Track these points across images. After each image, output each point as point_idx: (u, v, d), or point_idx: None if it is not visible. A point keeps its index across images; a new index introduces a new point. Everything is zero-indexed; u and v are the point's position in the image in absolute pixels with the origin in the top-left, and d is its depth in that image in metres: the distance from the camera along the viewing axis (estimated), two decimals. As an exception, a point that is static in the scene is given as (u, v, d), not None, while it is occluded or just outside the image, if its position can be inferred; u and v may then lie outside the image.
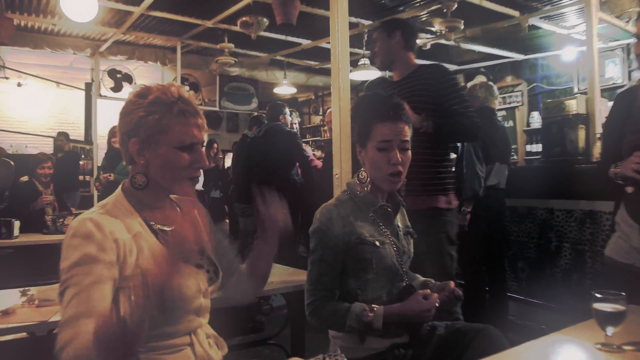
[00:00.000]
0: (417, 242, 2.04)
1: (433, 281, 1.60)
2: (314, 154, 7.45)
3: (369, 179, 1.53)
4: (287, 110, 4.26)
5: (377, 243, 1.49)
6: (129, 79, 6.62)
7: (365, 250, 1.48)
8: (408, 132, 1.51)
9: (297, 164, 4.15)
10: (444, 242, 2.20)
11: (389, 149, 1.48)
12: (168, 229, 1.16)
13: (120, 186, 1.17)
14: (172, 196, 1.25)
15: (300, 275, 2.31)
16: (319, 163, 4.52)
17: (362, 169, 1.57)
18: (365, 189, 1.54)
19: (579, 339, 1.16)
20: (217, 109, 7.54)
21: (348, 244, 1.47)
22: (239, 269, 1.34)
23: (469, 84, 3.57)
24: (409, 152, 1.52)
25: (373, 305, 1.43)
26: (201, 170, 1.19)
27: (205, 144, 1.45)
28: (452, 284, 1.47)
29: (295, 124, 4.53)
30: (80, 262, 0.99)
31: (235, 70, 7.17)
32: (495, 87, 3.45)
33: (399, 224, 1.61)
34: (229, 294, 1.31)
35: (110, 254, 1.02)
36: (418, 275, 1.65)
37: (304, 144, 4.27)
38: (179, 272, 0.95)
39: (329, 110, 4.40)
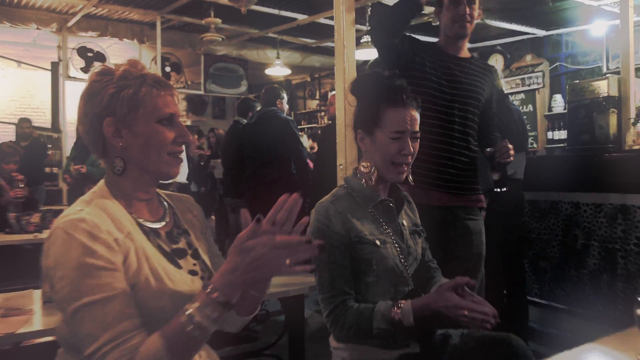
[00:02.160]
0: (470, 243, 2.16)
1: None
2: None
3: (374, 169, 1.55)
4: (284, 95, 4.24)
5: (378, 242, 1.50)
6: (101, 58, 6.55)
7: (365, 250, 1.49)
8: (418, 120, 1.55)
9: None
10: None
11: (400, 138, 1.51)
12: (158, 226, 1.17)
13: (103, 180, 1.17)
14: (158, 190, 1.25)
15: (299, 277, 2.31)
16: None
17: (364, 159, 1.58)
18: (370, 182, 1.56)
19: (619, 351, 1.16)
20: (201, 92, 7.51)
21: (349, 243, 1.48)
22: None
23: None
24: (418, 141, 1.55)
25: (399, 301, 1.44)
26: (184, 157, 1.19)
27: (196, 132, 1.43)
28: (462, 279, 1.43)
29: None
30: (90, 271, 0.99)
31: (222, 49, 7.12)
32: (499, 68, 3.47)
33: (404, 222, 1.62)
34: None
35: (118, 258, 1.03)
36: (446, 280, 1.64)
37: (301, 136, 4.24)
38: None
39: (332, 93, 4.37)
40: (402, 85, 1.55)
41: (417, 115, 1.53)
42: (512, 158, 2.15)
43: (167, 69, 7.10)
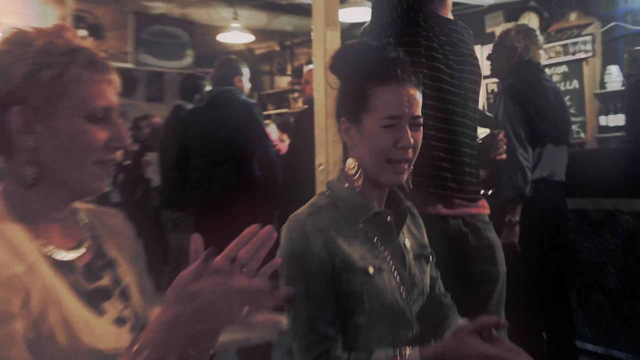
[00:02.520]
0: (494, 259, 2.24)
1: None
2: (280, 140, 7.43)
3: (360, 170, 1.56)
4: (245, 70, 4.24)
5: (371, 269, 1.50)
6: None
7: (354, 281, 1.49)
8: (420, 102, 1.55)
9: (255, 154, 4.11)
10: None
11: (396, 126, 1.51)
12: (73, 256, 1.16)
13: None
14: (77, 204, 1.24)
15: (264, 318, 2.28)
16: (281, 146, 4.49)
17: (350, 156, 1.60)
18: (356, 185, 1.57)
19: None
20: (130, 65, 7.45)
21: (332, 270, 1.49)
22: None
23: (499, 30, 3.60)
24: (421, 130, 1.57)
25: (403, 349, 1.44)
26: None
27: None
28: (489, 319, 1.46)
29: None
30: None
31: (159, 7, 7.08)
32: (537, 32, 3.55)
33: (407, 242, 1.64)
34: None
35: (16, 301, 1.00)
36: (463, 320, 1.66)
37: (267, 125, 4.23)
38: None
39: (308, 68, 4.36)
40: (398, 57, 1.56)
41: (417, 95, 1.54)
42: (504, 155, 2.36)
43: (82, 32, 7.02)
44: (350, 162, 1.58)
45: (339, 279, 1.49)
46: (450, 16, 2.36)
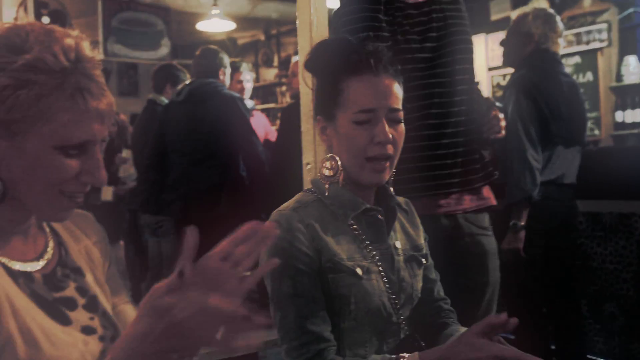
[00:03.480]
0: (485, 267, 2.25)
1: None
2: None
3: (340, 170, 1.59)
4: (228, 61, 4.24)
5: (359, 271, 1.54)
6: None
7: (340, 282, 1.52)
8: (399, 95, 1.58)
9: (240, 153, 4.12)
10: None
11: (372, 121, 1.53)
12: (33, 268, 1.17)
13: None
14: None
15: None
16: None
17: (329, 155, 1.63)
18: (336, 185, 1.60)
19: None
20: (101, 56, 7.35)
21: (319, 269, 1.52)
22: None
23: (515, 14, 3.59)
24: (402, 125, 1.59)
25: (401, 355, 1.45)
26: None
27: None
28: (498, 318, 1.41)
29: (248, 81, 4.62)
30: None
31: (131, -9, 7.06)
32: (558, 18, 3.51)
33: (398, 243, 1.67)
34: None
35: None
36: (462, 329, 1.66)
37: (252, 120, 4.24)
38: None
39: (294, 60, 4.38)
40: (377, 49, 1.59)
41: (395, 86, 1.56)
42: (502, 133, 2.37)
43: (45, 19, 6.96)
44: (329, 162, 1.60)
45: (325, 279, 1.52)
46: None
